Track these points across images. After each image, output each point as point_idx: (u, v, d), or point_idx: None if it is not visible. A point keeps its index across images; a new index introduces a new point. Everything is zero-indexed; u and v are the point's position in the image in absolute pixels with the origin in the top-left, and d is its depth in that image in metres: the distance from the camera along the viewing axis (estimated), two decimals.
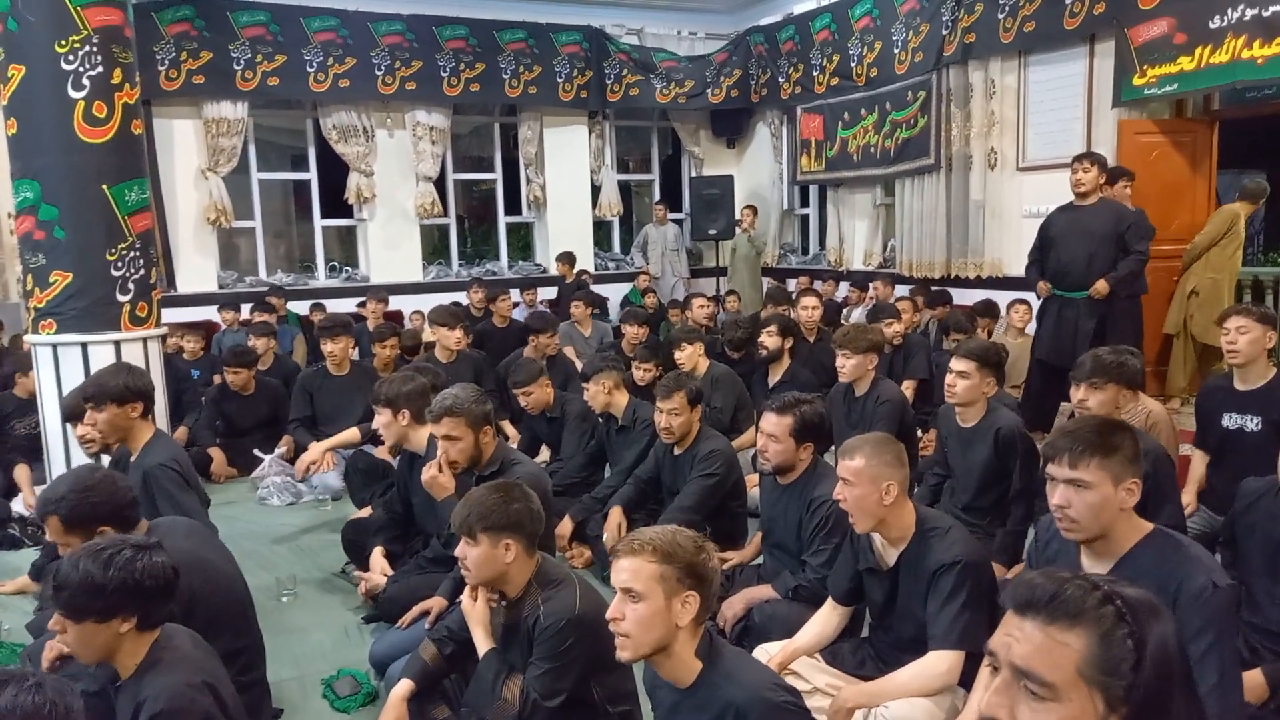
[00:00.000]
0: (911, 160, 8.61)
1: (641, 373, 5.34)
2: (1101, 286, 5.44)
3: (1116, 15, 6.60)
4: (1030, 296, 6.67)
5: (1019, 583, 1.24)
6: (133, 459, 3.49)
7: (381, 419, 3.85)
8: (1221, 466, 3.77)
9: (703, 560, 1.94)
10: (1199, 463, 3.89)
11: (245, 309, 8.08)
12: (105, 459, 3.93)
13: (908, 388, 5.78)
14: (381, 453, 5.42)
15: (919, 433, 5.19)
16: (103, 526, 2.47)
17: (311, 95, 9.05)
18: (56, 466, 4.95)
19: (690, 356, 5.50)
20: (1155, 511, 3.04)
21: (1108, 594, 1.17)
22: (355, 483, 4.95)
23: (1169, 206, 6.64)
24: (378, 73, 9.16)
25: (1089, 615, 1.15)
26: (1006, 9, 7.47)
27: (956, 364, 3.79)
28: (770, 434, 3.28)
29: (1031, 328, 6.39)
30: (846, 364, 4.60)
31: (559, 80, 10.03)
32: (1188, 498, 3.80)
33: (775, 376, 5.60)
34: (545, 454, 5.45)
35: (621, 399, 4.63)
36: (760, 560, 3.70)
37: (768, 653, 2.86)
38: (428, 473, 3.38)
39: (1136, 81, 6.53)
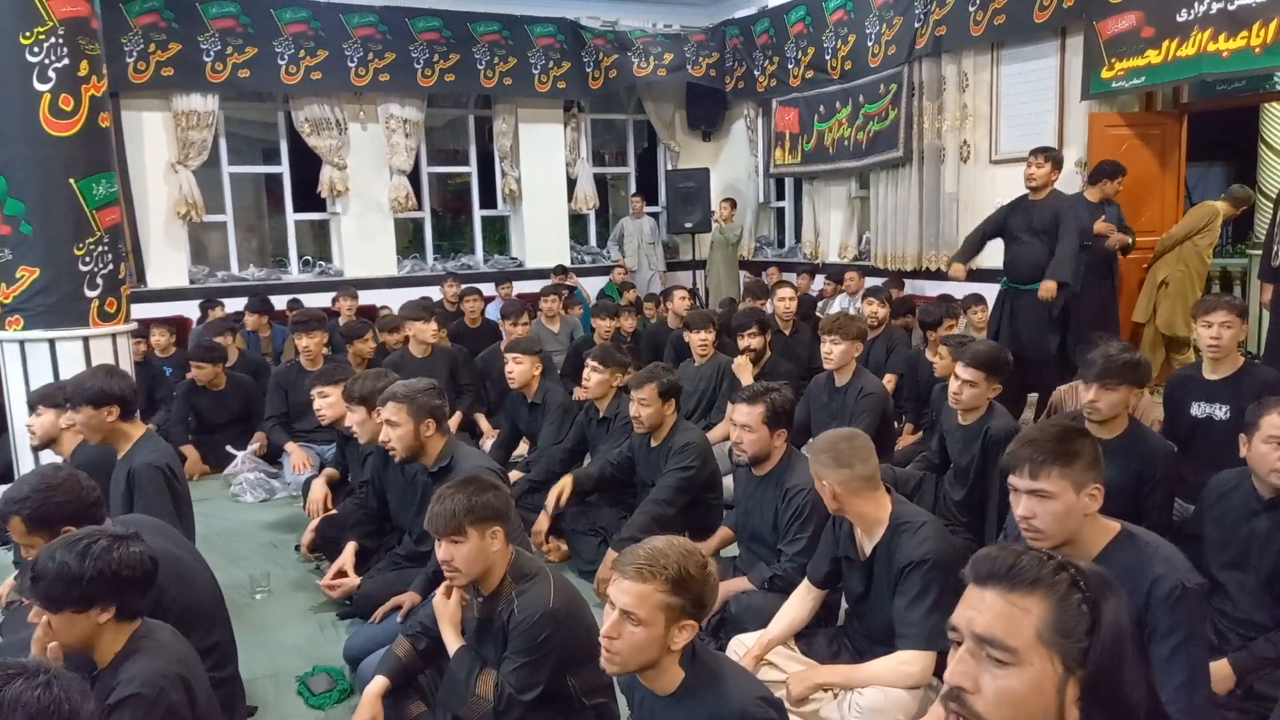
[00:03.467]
0: (881, 153, 8.66)
1: None
2: (1049, 286, 5.50)
3: (1085, 9, 6.66)
4: (990, 288, 6.73)
5: (978, 558, 1.28)
6: (119, 457, 3.47)
7: (355, 417, 3.84)
8: (1191, 455, 3.81)
9: (710, 590, 1.91)
10: None
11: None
12: (56, 457, 3.89)
13: (889, 381, 5.80)
14: (298, 461, 5.41)
15: (895, 424, 5.23)
16: (67, 526, 2.44)
17: (283, 87, 8.96)
18: (25, 464, 4.89)
19: (705, 341, 5.54)
20: (1151, 510, 3.10)
21: (1061, 563, 1.24)
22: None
23: (1139, 199, 6.72)
24: (350, 64, 9.07)
25: (1045, 581, 1.22)
26: (977, 2, 7.50)
27: (963, 372, 3.73)
28: (743, 424, 3.30)
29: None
30: (834, 350, 4.62)
31: (534, 72, 9.98)
32: None
33: (756, 370, 5.61)
34: (523, 448, 5.45)
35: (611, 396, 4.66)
36: (737, 554, 3.71)
37: (744, 644, 2.88)
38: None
39: (1105, 75, 6.59)
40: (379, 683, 2.66)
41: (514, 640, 2.37)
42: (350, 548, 3.86)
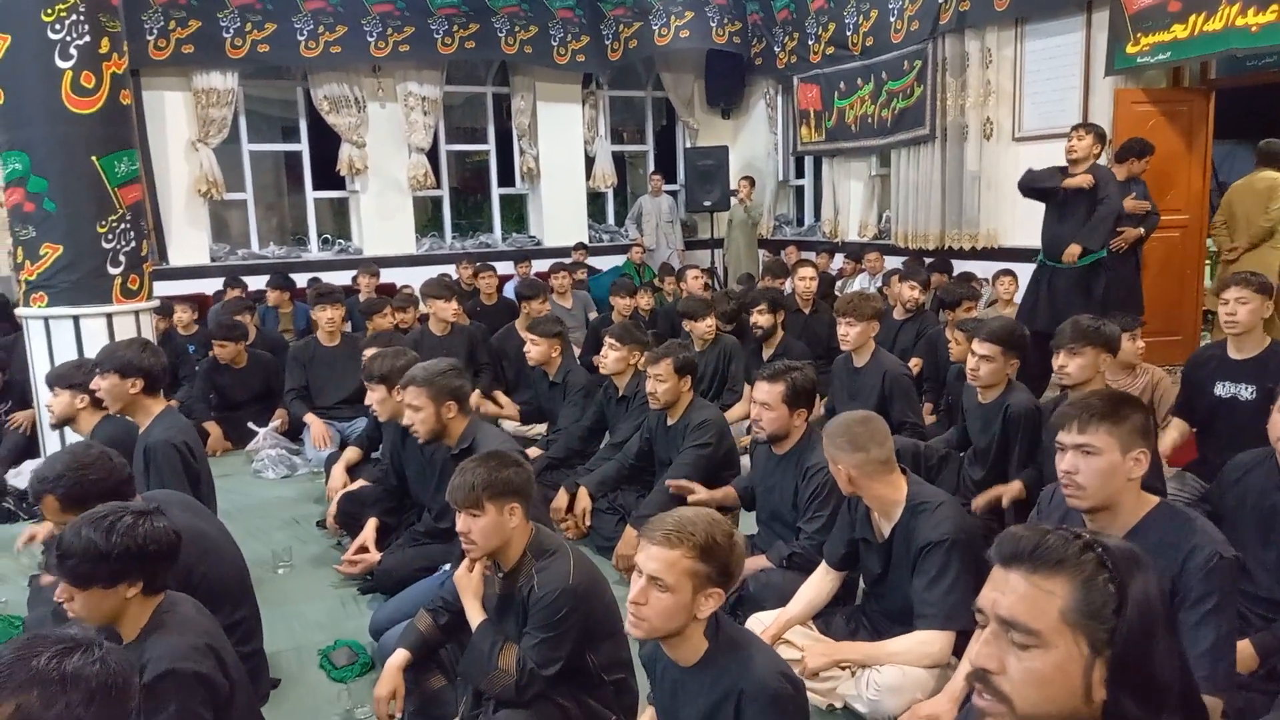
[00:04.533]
0: (907, 130, 8.57)
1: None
2: (1074, 251, 5.43)
3: None
4: (1015, 267, 6.67)
5: (1003, 538, 1.27)
6: (140, 432, 3.52)
7: (375, 395, 3.86)
8: (1213, 435, 3.78)
9: (737, 558, 1.92)
10: (1174, 430, 3.91)
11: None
12: (71, 434, 3.94)
13: (914, 366, 5.74)
14: (318, 434, 5.45)
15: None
16: (100, 504, 2.47)
17: (302, 61, 8.94)
18: (50, 441, 4.95)
19: (710, 328, 5.53)
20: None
21: (1088, 542, 1.22)
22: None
23: (1165, 177, 6.61)
24: (370, 38, 9.05)
25: (1070, 562, 1.20)
26: None
27: (980, 348, 3.70)
28: (763, 402, 3.29)
29: (1019, 297, 6.39)
30: (850, 332, 4.58)
31: (554, 43, 9.92)
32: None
33: (769, 350, 5.60)
34: (541, 426, 5.48)
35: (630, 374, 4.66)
36: (756, 532, 3.72)
37: (762, 622, 2.89)
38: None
39: (1130, 50, 6.48)
40: (400, 655, 2.68)
41: (535, 616, 2.38)
42: (371, 524, 3.89)
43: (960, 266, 7.75)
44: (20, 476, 5.08)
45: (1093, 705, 1.18)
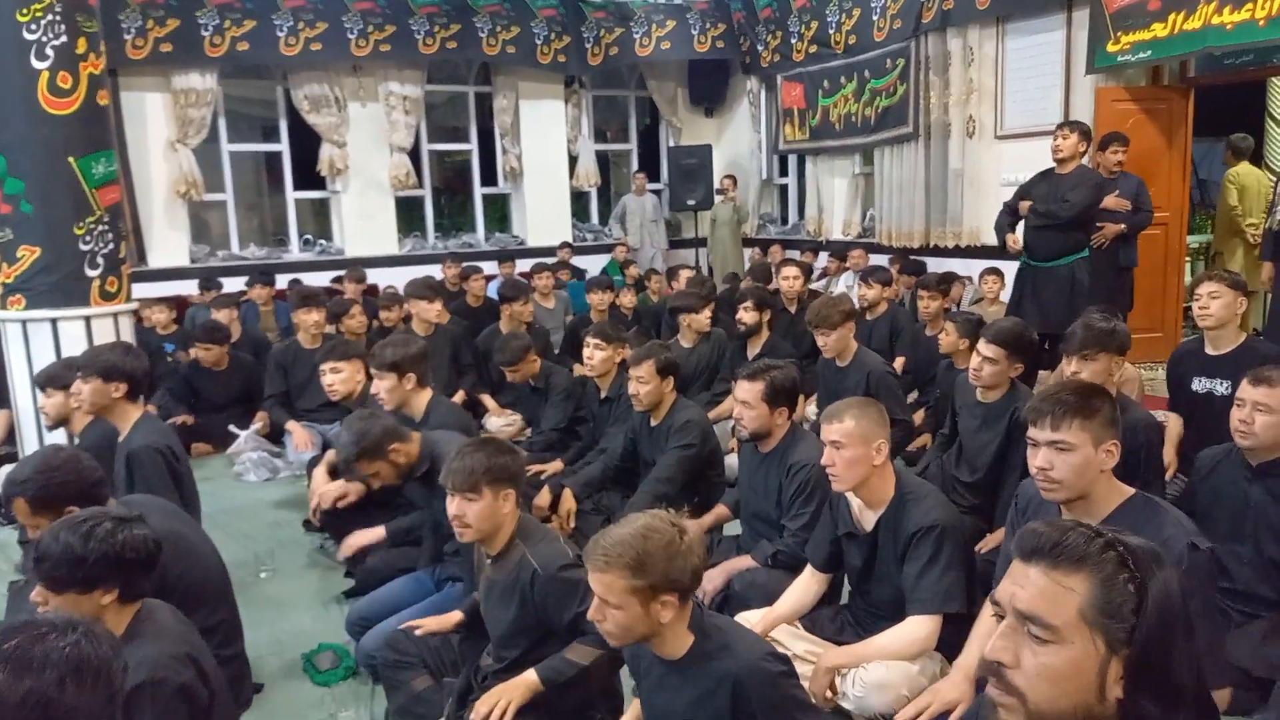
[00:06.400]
0: (891, 129, 8.60)
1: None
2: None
3: None
4: (1002, 265, 6.69)
5: (1024, 533, 1.27)
6: (120, 438, 3.50)
7: (385, 383, 3.82)
8: (1192, 431, 3.81)
9: (679, 564, 1.91)
10: (1175, 423, 3.94)
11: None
12: (62, 434, 3.92)
13: (898, 364, 5.75)
14: (300, 440, 5.39)
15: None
16: (70, 506, 2.45)
17: (282, 59, 8.87)
18: (29, 444, 4.90)
19: (706, 320, 5.55)
20: (1143, 481, 3.09)
21: (1110, 541, 1.22)
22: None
23: (1145, 175, 6.62)
24: (350, 36, 8.99)
25: (1092, 560, 1.20)
26: None
27: (985, 349, 3.60)
28: (744, 401, 3.29)
29: (1004, 295, 6.40)
30: (828, 341, 4.59)
31: (536, 42, 9.89)
32: (1168, 456, 3.87)
33: (754, 349, 5.60)
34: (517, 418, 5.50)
35: (614, 374, 4.65)
36: (740, 532, 3.71)
37: (748, 621, 2.88)
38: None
39: (1110, 48, 6.52)
40: None
41: (562, 600, 2.38)
42: (355, 488, 3.83)
43: (944, 264, 7.78)
44: None
45: (1106, 703, 1.18)
